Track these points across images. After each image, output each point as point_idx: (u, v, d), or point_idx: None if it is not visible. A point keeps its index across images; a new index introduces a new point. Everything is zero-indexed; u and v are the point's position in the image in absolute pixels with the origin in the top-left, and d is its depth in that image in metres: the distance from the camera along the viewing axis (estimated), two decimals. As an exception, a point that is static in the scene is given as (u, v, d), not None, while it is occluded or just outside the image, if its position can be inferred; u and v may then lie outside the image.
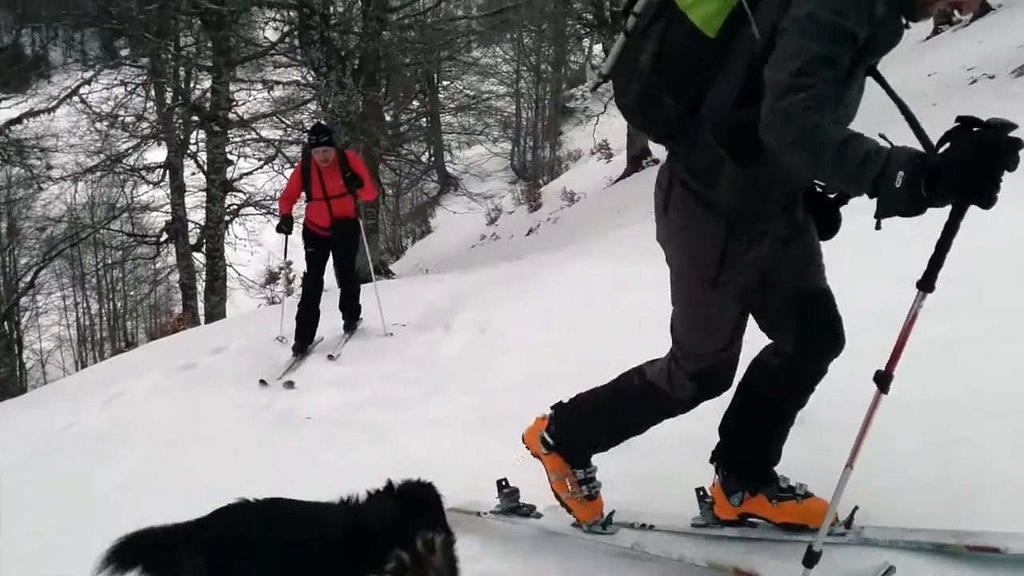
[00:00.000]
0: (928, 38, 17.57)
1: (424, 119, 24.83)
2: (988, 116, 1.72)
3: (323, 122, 9.35)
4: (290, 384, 5.25)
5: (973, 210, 1.77)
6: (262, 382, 5.22)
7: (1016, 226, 4.04)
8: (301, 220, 6.63)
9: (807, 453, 2.51)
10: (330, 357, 5.81)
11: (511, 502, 2.88)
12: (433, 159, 27.68)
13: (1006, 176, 1.67)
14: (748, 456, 2.45)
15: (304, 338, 6.09)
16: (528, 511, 2.87)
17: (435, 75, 22.57)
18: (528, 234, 19.86)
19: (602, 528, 2.62)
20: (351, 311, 6.56)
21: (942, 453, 2.58)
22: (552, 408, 2.76)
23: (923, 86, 12.09)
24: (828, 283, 2.32)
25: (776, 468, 2.47)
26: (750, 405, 2.44)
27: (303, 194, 6.40)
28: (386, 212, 24.65)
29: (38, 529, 3.70)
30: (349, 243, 6.49)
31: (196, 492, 3.74)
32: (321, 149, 6.09)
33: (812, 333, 2.27)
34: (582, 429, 2.65)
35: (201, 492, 3.72)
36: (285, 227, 6.59)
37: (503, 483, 2.89)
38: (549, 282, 6.00)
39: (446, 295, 6.85)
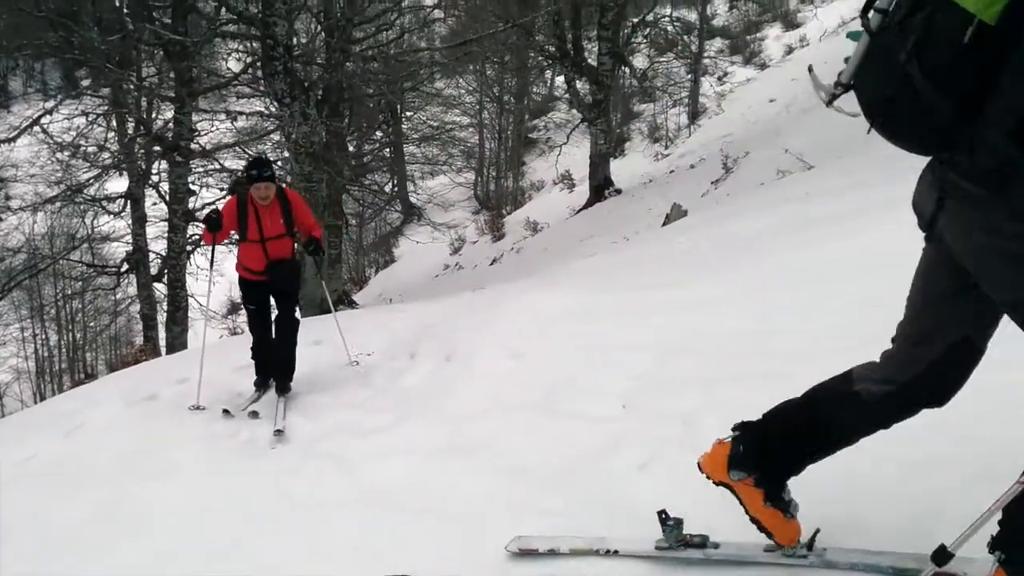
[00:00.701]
0: (879, 72, 18.10)
1: (387, 149, 24.96)
2: None
3: (264, 155, 9.16)
4: (255, 414, 5.23)
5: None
6: (226, 412, 5.18)
7: None
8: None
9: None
10: (276, 433, 4.78)
11: (677, 533, 2.60)
12: (396, 189, 27.79)
13: None
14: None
15: (265, 371, 5.75)
16: (702, 541, 2.60)
17: (398, 106, 22.71)
18: (492, 264, 19.96)
19: (807, 550, 2.36)
20: (285, 369, 5.64)
21: (913, 475, 2.66)
22: (734, 429, 2.45)
23: (874, 118, 12.49)
24: None
25: None
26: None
27: (232, 234, 5.79)
28: (349, 242, 24.61)
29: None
30: (288, 286, 5.87)
31: (161, 524, 3.75)
32: (263, 185, 5.43)
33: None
34: (778, 449, 2.35)
35: (166, 524, 3.74)
36: (212, 216, 5.56)
37: (663, 514, 2.60)
38: (513, 311, 6.07)
39: (411, 324, 6.89)
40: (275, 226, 5.61)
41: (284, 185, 5.94)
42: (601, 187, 19.71)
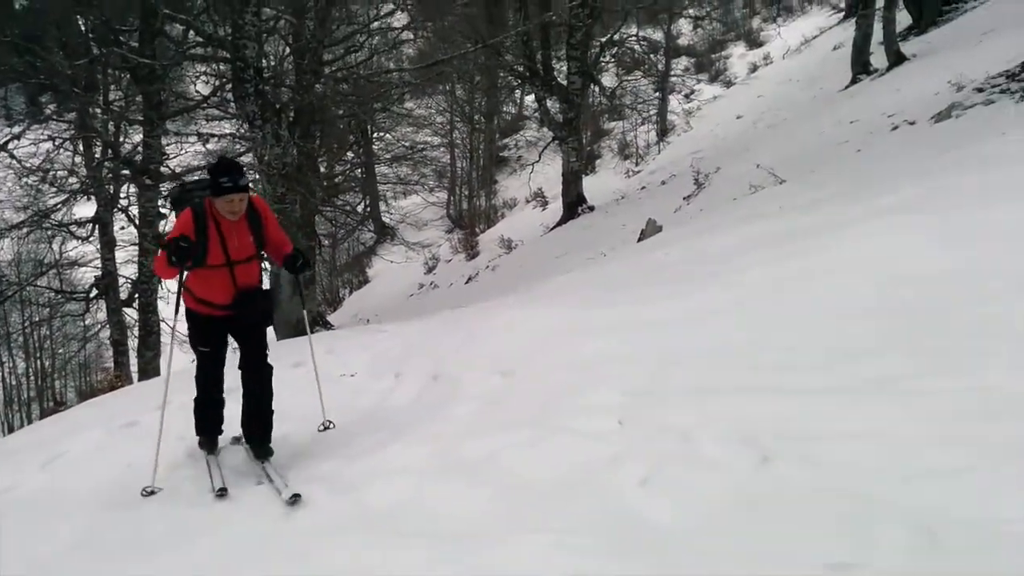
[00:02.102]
0: (847, 87, 18.48)
1: (359, 170, 24.89)
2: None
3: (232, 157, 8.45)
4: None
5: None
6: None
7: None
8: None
9: None
10: (293, 498, 3.88)
11: None
12: (369, 209, 27.71)
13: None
14: None
15: (213, 430, 4.87)
16: None
17: (369, 126, 22.69)
18: (467, 282, 19.93)
19: None
20: (265, 427, 4.71)
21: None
22: None
23: (846, 133, 12.70)
24: None
25: None
26: None
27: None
28: (323, 263, 24.44)
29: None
30: (264, 321, 4.74)
31: (145, 553, 3.66)
32: (236, 198, 4.27)
33: None
34: None
35: (150, 552, 3.65)
36: (182, 244, 4.23)
37: None
38: (498, 328, 6.05)
39: (394, 344, 6.83)
40: (244, 246, 4.49)
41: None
42: (574, 204, 19.83)
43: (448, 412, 4.52)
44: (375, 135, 24.21)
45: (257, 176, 13.45)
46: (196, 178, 4.80)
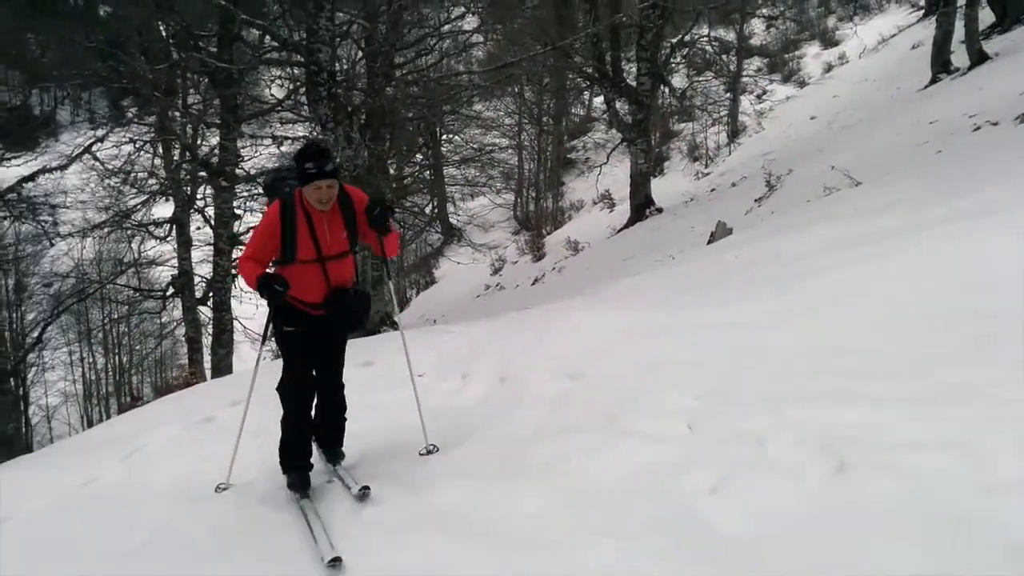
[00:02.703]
0: (926, 87, 17.87)
1: (428, 172, 25.13)
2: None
3: (323, 141, 8.58)
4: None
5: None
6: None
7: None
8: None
9: None
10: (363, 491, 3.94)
11: None
12: (437, 210, 27.96)
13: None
14: None
15: (303, 466, 4.29)
16: None
17: (438, 128, 22.89)
18: (534, 283, 19.93)
19: None
20: (338, 433, 4.56)
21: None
22: None
23: (925, 134, 12.28)
24: None
25: None
26: None
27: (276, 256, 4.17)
28: (391, 263, 24.77)
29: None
30: (355, 324, 4.41)
31: (222, 547, 3.74)
32: (325, 184, 3.97)
33: None
34: None
35: (227, 546, 3.72)
36: (277, 288, 3.97)
37: None
38: (564, 330, 6.02)
39: (461, 345, 6.86)
40: (337, 241, 4.16)
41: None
42: (642, 206, 19.64)
43: (515, 414, 4.51)
44: (444, 137, 24.40)
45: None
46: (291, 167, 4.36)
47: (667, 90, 22.83)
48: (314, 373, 4.37)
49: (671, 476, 3.23)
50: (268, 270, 4.16)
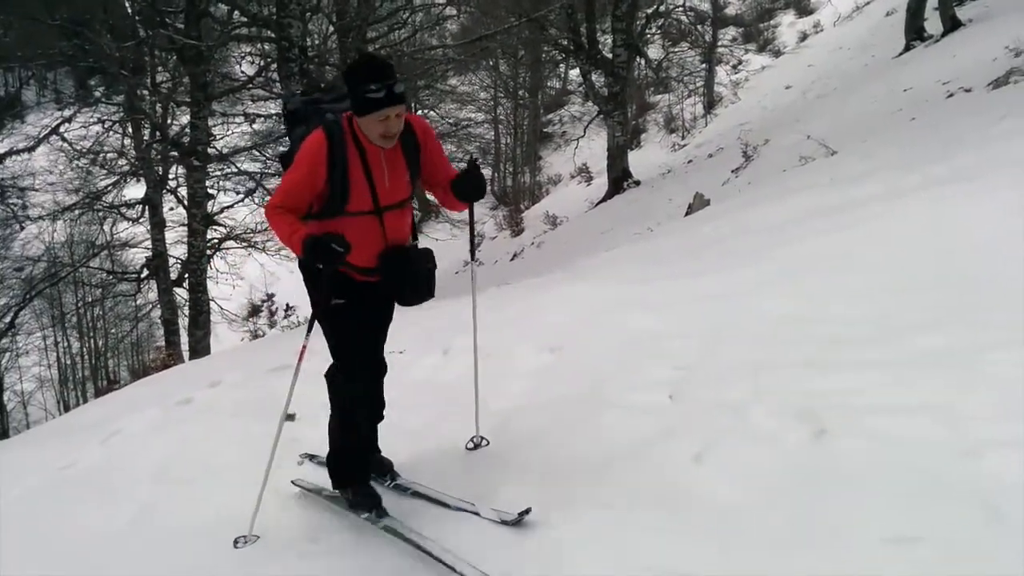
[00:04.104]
0: (900, 54, 17.93)
1: (403, 148, 24.95)
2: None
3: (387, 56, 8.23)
4: (291, 417, 5.14)
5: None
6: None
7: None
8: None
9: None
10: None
11: None
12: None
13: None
14: None
15: (369, 477, 3.57)
16: None
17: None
18: (513, 259, 19.91)
19: None
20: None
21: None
22: None
23: (900, 102, 12.34)
24: None
25: None
26: None
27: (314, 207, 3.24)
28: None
29: (40, 567, 3.64)
30: (416, 292, 3.42)
31: (203, 527, 3.72)
32: (393, 113, 3.03)
33: None
34: None
35: (209, 527, 3.71)
36: (336, 249, 3.00)
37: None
38: (546, 304, 6.00)
39: (441, 320, 6.83)
40: (398, 187, 3.27)
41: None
42: (620, 179, 19.64)
43: (498, 388, 4.50)
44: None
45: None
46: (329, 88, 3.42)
47: (643, 61, 22.76)
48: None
49: (654, 446, 3.25)
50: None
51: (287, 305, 25.30)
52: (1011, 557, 2.15)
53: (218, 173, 18.01)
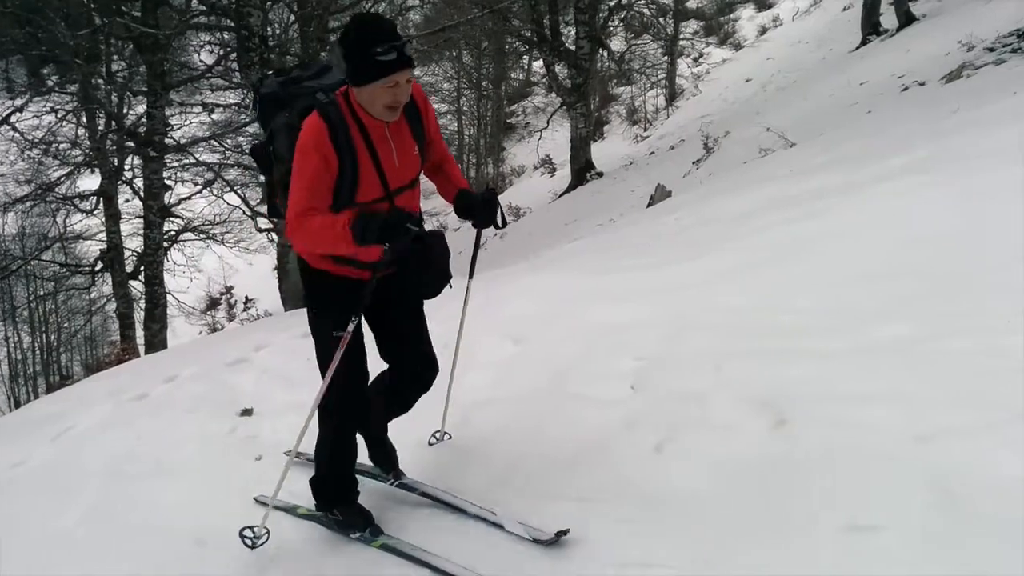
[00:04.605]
0: (857, 48, 18.19)
1: (366, 138, 24.73)
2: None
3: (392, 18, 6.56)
4: (248, 412, 5.06)
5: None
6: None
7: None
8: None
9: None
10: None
11: None
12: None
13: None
14: None
15: (356, 492, 3.27)
16: None
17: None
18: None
19: None
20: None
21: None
22: None
23: (856, 95, 12.51)
24: None
25: None
26: None
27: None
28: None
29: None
30: (434, 281, 3.08)
31: (158, 525, 3.64)
32: (404, 78, 2.65)
33: None
34: None
35: (163, 525, 3.63)
36: (409, 227, 2.71)
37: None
38: (509, 295, 5.97)
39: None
40: (408, 164, 2.91)
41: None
42: (583, 170, 19.68)
43: (461, 381, 4.46)
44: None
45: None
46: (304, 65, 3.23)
47: (605, 53, 22.79)
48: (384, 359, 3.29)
49: (617, 437, 3.24)
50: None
51: (246, 298, 24.98)
52: (966, 541, 2.17)
53: (175, 164, 17.69)
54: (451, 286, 3.14)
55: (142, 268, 17.60)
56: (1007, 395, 2.69)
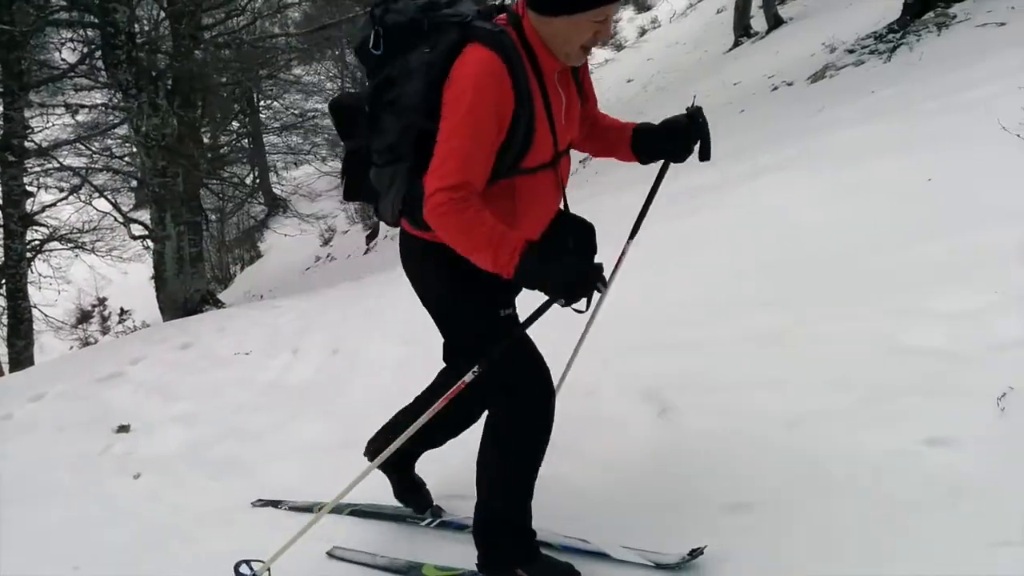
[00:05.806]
0: (730, 50, 18.93)
1: (246, 140, 24.00)
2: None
3: None
4: (124, 428, 4.81)
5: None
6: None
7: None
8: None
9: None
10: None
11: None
12: (259, 181, 26.77)
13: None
14: None
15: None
16: None
17: (255, 94, 21.86)
18: (366, 253, 19.59)
19: None
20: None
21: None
22: None
23: (730, 95, 13.01)
24: None
25: None
26: None
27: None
28: (210, 238, 23.51)
29: None
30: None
31: (31, 553, 3.42)
32: (611, 11, 2.09)
33: None
34: None
35: (37, 553, 3.42)
36: (599, 287, 2.19)
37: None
38: (399, 298, 5.90)
39: (289, 319, 6.62)
40: (573, 117, 2.42)
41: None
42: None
43: (350, 386, 4.40)
44: (262, 103, 23.32)
45: (134, 148, 12.77)
46: None
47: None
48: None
49: (508, 436, 3.25)
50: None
51: (121, 309, 23.76)
52: (836, 518, 2.30)
53: (38, 168, 16.62)
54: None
55: (3, 281, 16.45)
56: (870, 377, 2.87)
